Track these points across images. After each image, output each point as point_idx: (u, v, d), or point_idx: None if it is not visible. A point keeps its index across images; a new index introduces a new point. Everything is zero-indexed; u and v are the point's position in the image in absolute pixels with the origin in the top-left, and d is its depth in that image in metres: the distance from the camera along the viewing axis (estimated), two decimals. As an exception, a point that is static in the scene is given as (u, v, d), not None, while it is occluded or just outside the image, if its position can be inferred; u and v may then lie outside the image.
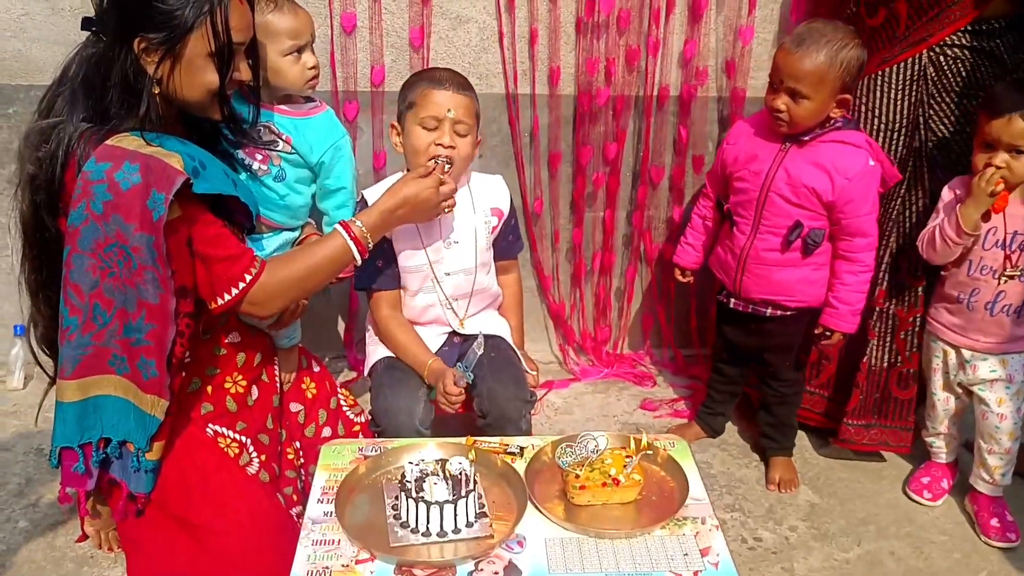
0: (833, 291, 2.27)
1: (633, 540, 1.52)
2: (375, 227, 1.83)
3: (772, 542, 2.24)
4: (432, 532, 1.50)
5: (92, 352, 1.58)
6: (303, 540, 1.51)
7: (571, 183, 2.87)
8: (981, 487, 2.31)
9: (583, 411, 2.87)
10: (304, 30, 1.95)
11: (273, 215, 2.00)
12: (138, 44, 1.54)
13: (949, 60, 2.16)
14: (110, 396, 1.61)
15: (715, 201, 2.47)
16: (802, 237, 2.21)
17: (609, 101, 2.73)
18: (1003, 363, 2.21)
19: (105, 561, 2.05)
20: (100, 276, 1.53)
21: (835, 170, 2.14)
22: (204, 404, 1.80)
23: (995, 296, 2.14)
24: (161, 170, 1.51)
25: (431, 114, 1.99)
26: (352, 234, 1.79)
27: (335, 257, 1.79)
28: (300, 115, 2.01)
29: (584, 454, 1.63)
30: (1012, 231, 2.10)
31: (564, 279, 3.04)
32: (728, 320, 2.49)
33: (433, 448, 1.73)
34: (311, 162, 2.02)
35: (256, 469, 1.83)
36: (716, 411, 2.66)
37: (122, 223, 1.50)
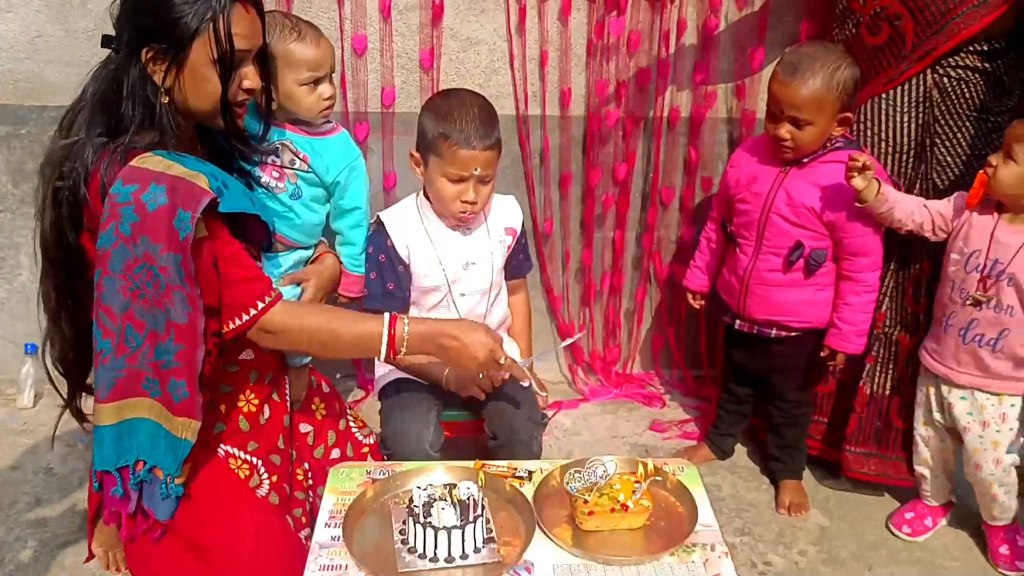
0: (837, 312, 2.26)
1: (641, 566, 1.51)
2: (418, 338, 1.73)
3: (782, 567, 2.23)
4: (440, 557, 1.49)
5: (126, 375, 1.57)
6: (310, 565, 1.50)
7: (581, 204, 2.87)
8: (990, 522, 2.26)
9: (592, 432, 2.86)
10: (324, 62, 1.96)
11: (288, 232, 2.00)
12: (146, 54, 1.56)
13: (953, 82, 2.16)
14: (144, 419, 1.60)
15: (720, 223, 2.48)
16: (804, 257, 2.22)
17: (619, 122, 2.74)
18: (981, 407, 2.10)
19: (112, 581, 2.05)
20: (131, 297, 1.53)
21: (835, 190, 2.15)
22: (217, 423, 1.80)
23: (968, 323, 2.06)
24: (187, 189, 1.52)
25: (457, 172, 1.99)
26: (393, 331, 1.71)
27: (362, 341, 1.72)
28: (317, 135, 2.02)
29: (593, 479, 1.62)
30: (993, 259, 2.00)
31: (574, 299, 3.04)
32: (735, 342, 2.49)
33: (441, 472, 1.72)
34: (327, 182, 2.03)
35: (266, 491, 1.82)
36: (725, 432, 2.65)
37: (150, 244, 1.50)
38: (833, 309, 2.27)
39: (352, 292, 2.18)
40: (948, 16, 2.09)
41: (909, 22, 2.15)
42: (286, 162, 1.97)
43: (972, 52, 2.14)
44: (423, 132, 2.03)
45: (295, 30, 1.92)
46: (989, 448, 2.11)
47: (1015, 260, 1.97)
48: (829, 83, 2.06)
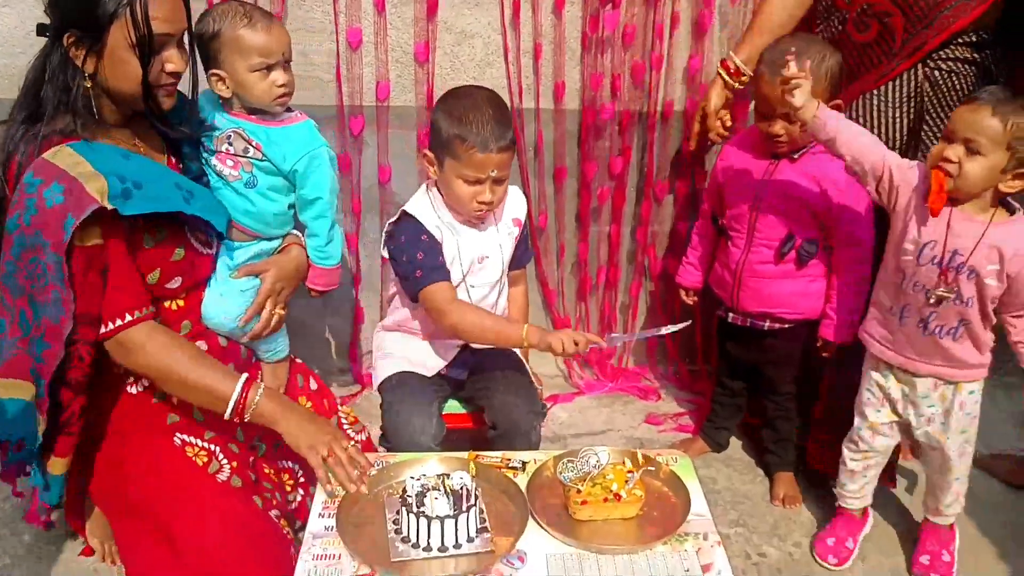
0: (829, 302, 2.27)
1: (634, 556, 1.52)
2: (264, 412, 1.76)
3: (776, 558, 2.23)
4: (433, 547, 1.50)
5: (16, 356, 1.63)
6: (304, 555, 1.51)
7: (576, 198, 2.88)
8: (928, 514, 2.21)
9: (588, 425, 2.86)
10: (276, 48, 1.94)
11: (246, 222, 1.98)
12: (67, 39, 1.58)
13: (944, 74, 2.16)
14: (27, 402, 1.65)
15: (711, 217, 2.49)
16: (795, 249, 2.23)
17: (614, 116, 2.74)
18: (942, 396, 2.02)
19: (107, 574, 2.05)
20: (25, 285, 1.59)
21: (825, 181, 2.16)
22: (171, 415, 1.81)
23: (928, 315, 1.96)
24: (79, 194, 1.55)
25: (474, 174, 1.98)
26: (244, 395, 1.74)
27: (211, 392, 1.73)
28: (273, 124, 1.99)
29: (586, 469, 1.63)
30: (952, 250, 1.88)
31: (569, 294, 3.04)
32: (728, 335, 2.50)
33: (435, 463, 1.73)
34: (284, 170, 2.00)
35: (227, 476, 1.82)
36: (720, 425, 2.66)
37: (41, 238, 1.55)
38: (825, 300, 2.28)
39: (319, 285, 2.13)
40: (937, 10, 2.09)
41: (899, 18, 2.15)
42: (239, 150, 1.95)
43: (962, 44, 2.14)
44: (437, 132, 2.01)
45: (245, 16, 1.90)
46: (952, 436, 2.04)
47: (975, 252, 1.86)
48: (816, 76, 2.06)
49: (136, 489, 1.76)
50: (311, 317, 2.90)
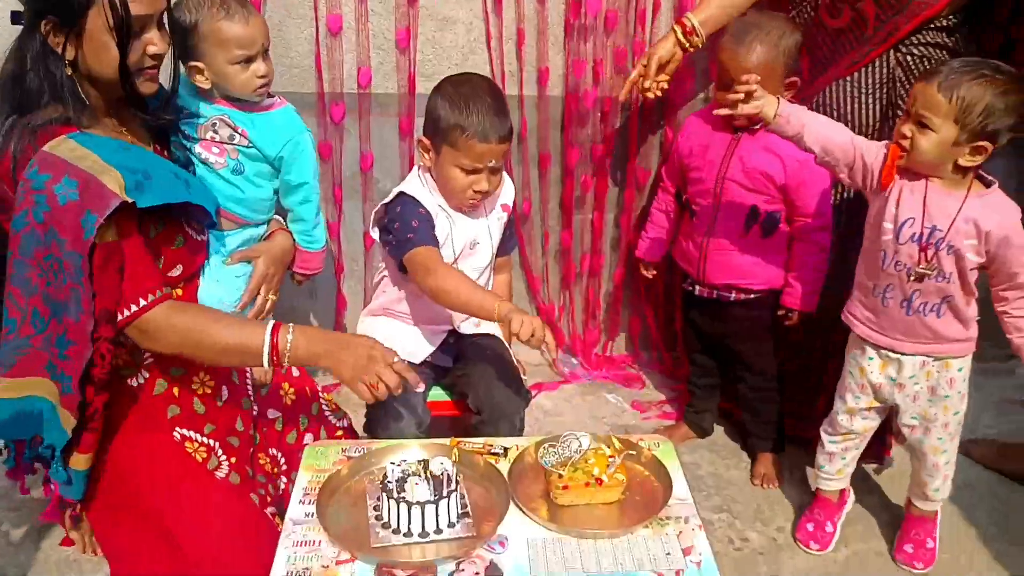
0: (791, 271, 2.31)
1: (616, 540, 1.51)
2: (302, 350, 1.69)
3: (759, 543, 2.24)
4: (414, 532, 1.49)
5: (29, 354, 1.58)
6: (283, 541, 1.50)
7: (560, 185, 2.87)
8: (917, 503, 2.20)
9: (572, 413, 2.86)
10: (255, 39, 1.93)
11: (235, 208, 1.98)
12: (45, 26, 1.55)
13: (916, 59, 2.18)
14: (43, 398, 1.60)
15: (674, 193, 2.52)
16: (759, 221, 2.26)
17: (596, 103, 2.73)
18: (927, 374, 2.02)
19: (88, 565, 2.04)
20: (39, 284, 1.54)
21: (786, 154, 2.19)
22: (171, 407, 1.79)
23: (910, 294, 1.95)
24: (97, 190, 1.52)
25: (472, 164, 1.98)
26: (275, 341, 1.68)
27: (244, 348, 1.68)
28: (257, 110, 1.99)
29: (567, 454, 1.62)
30: (930, 226, 1.88)
31: (553, 281, 3.03)
32: (694, 307, 2.53)
33: (416, 449, 1.71)
34: (269, 156, 2.00)
35: (225, 472, 1.81)
36: (701, 408, 2.68)
37: (57, 236, 1.51)
38: (788, 269, 2.31)
39: (308, 269, 2.16)
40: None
41: (870, 5, 2.17)
42: (225, 137, 1.94)
43: (933, 29, 2.16)
44: (436, 121, 2.00)
45: (223, 7, 1.89)
46: (939, 413, 2.05)
47: (952, 228, 1.86)
48: (776, 49, 2.11)
49: (133, 484, 1.75)
50: (294, 305, 2.88)
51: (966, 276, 1.91)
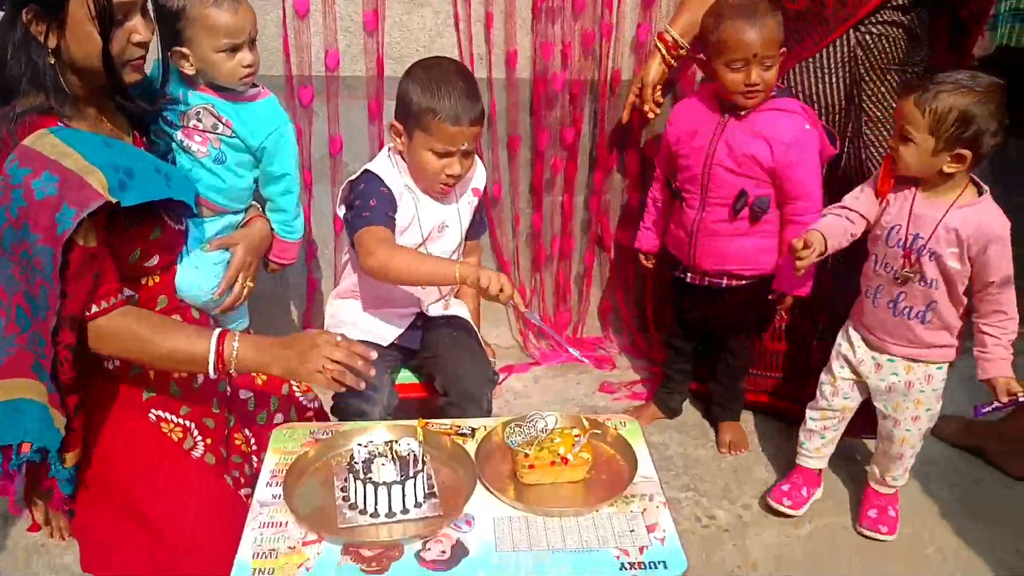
0: (782, 255, 2.31)
1: (581, 518, 1.53)
2: (249, 359, 1.69)
3: (726, 520, 2.27)
4: (380, 513, 1.50)
5: (16, 354, 1.56)
6: (250, 523, 1.50)
7: (530, 168, 2.87)
8: (872, 483, 2.28)
9: (542, 395, 2.88)
10: (243, 28, 1.92)
11: (215, 197, 1.97)
12: (26, 15, 1.52)
13: (875, 38, 2.22)
14: (32, 401, 1.58)
15: (665, 181, 2.51)
16: (748, 205, 2.26)
17: (565, 85, 2.74)
18: (908, 368, 2.10)
19: (56, 549, 2.03)
20: (21, 280, 1.52)
21: (772, 137, 2.20)
22: (147, 390, 1.79)
23: (896, 296, 2.05)
24: (79, 187, 1.49)
25: (444, 147, 1.98)
26: (220, 349, 1.67)
27: (189, 356, 1.67)
28: (241, 100, 1.99)
29: (533, 433, 1.64)
30: (914, 233, 1.98)
31: (524, 264, 3.04)
32: (685, 295, 2.53)
33: (383, 430, 1.72)
34: (252, 147, 2.00)
35: (201, 452, 1.81)
36: (673, 391, 2.71)
37: (29, 232, 1.48)
38: (779, 253, 2.32)
39: (284, 259, 2.16)
40: None
41: None
42: (208, 126, 1.94)
43: (891, 8, 2.20)
44: (407, 105, 1.99)
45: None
46: (911, 406, 2.12)
47: (934, 235, 1.95)
48: (778, 21, 2.14)
49: (107, 465, 1.74)
50: (266, 289, 2.87)
51: (953, 283, 1.98)
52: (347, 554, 1.43)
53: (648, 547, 1.47)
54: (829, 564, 2.13)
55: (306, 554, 1.43)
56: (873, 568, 2.13)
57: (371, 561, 1.41)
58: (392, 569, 1.40)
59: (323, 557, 1.42)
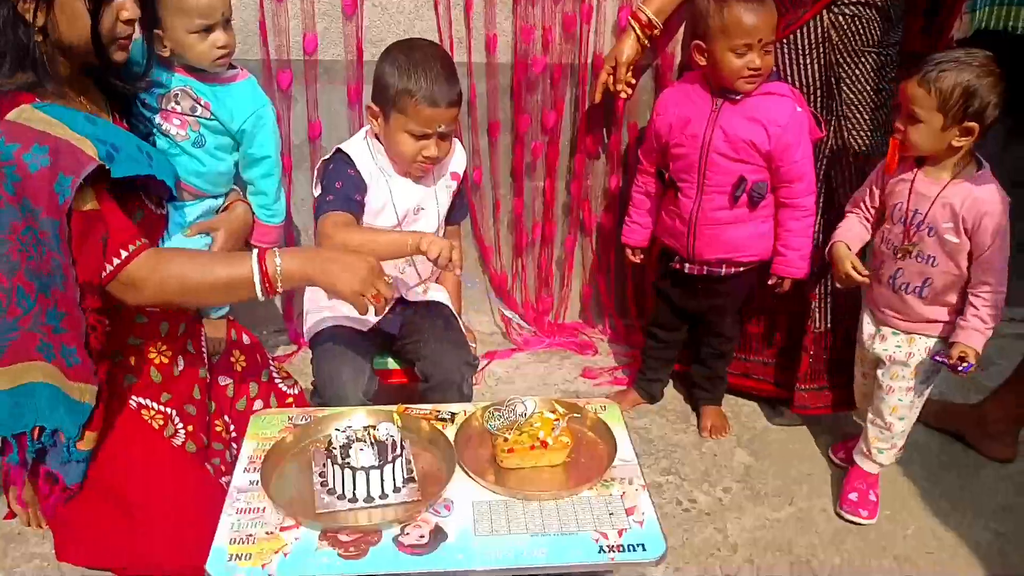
0: (780, 240, 2.32)
1: (560, 501, 1.53)
2: (293, 271, 1.65)
3: (706, 504, 2.28)
4: (359, 498, 1.49)
5: (19, 338, 1.54)
6: (227, 509, 1.49)
7: (510, 152, 2.86)
8: (857, 458, 2.31)
9: (524, 380, 2.88)
10: (214, 8, 1.90)
11: (194, 181, 1.96)
12: None
13: (848, 19, 2.23)
14: (41, 383, 1.57)
15: (655, 173, 2.49)
16: (747, 191, 2.26)
17: (546, 69, 2.72)
18: (909, 341, 2.15)
19: (34, 538, 2.02)
20: (20, 259, 1.50)
21: (767, 120, 2.19)
22: (127, 376, 1.77)
23: (895, 272, 2.12)
24: (71, 153, 1.48)
25: (421, 129, 1.97)
26: (264, 268, 1.63)
27: (235, 282, 1.64)
28: (219, 81, 1.97)
29: (512, 418, 1.63)
30: (914, 209, 2.05)
31: (506, 250, 3.03)
32: (681, 285, 2.51)
33: (362, 416, 1.72)
34: (232, 129, 1.99)
35: (182, 440, 1.81)
36: (653, 378, 2.70)
37: (31, 206, 1.47)
38: (776, 238, 2.33)
39: (265, 242, 2.15)
40: None
41: None
42: (187, 109, 1.92)
43: None
44: (384, 87, 1.99)
45: None
46: (908, 375, 2.16)
47: (931, 210, 2.01)
48: (772, 3, 2.14)
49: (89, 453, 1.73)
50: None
51: (953, 258, 2.03)
52: (325, 539, 1.42)
53: (627, 530, 1.47)
54: (808, 547, 2.14)
55: (283, 539, 1.42)
56: (852, 550, 2.14)
57: (349, 546, 1.41)
58: (370, 554, 1.40)
59: (300, 543, 1.42)
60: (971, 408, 2.54)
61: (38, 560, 1.96)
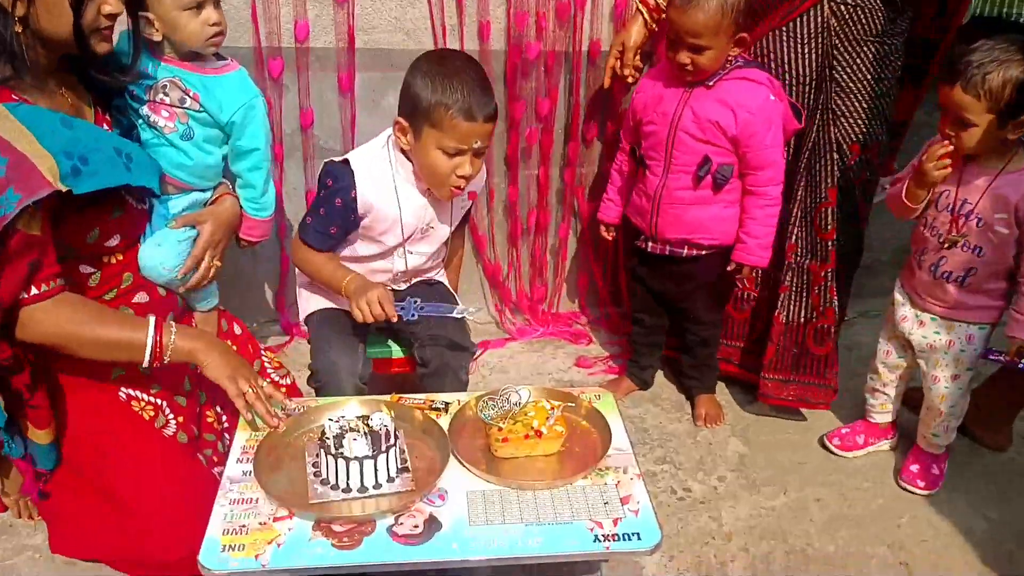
0: (743, 226, 2.31)
1: (555, 491, 1.53)
2: (181, 348, 1.68)
3: (701, 492, 2.28)
4: (352, 488, 1.48)
5: None
6: (220, 499, 1.49)
7: (505, 140, 2.84)
8: (918, 439, 2.37)
9: (518, 370, 2.87)
10: None
11: (181, 175, 1.93)
12: None
13: (850, 8, 2.20)
14: None
15: (629, 151, 2.50)
16: (711, 173, 2.25)
17: (540, 56, 2.70)
18: (948, 328, 2.18)
19: (25, 530, 2.00)
20: None
21: (737, 105, 2.18)
22: (115, 368, 1.76)
23: (938, 260, 2.13)
24: (28, 173, 1.46)
25: (456, 145, 1.87)
26: (158, 338, 1.66)
27: (125, 344, 1.65)
28: (209, 72, 1.94)
29: (506, 407, 1.63)
30: (962, 199, 2.06)
31: (500, 239, 3.02)
32: (645, 264, 2.52)
33: (355, 405, 1.71)
34: (221, 121, 1.95)
35: (173, 431, 1.80)
36: (642, 364, 2.70)
37: None
38: (739, 224, 2.32)
39: (253, 236, 2.12)
40: None
41: None
42: (175, 100, 1.89)
43: None
44: (415, 99, 1.88)
45: None
46: (951, 363, 2.20)
47: (981, 201, 2.02)
48: (723, 8, 2.08)
49: (77, 444, 1.73)
50: (239, 267, 2.84)
51: (1000, 249, 2.05)
52: (318, 530, 1.41)
53: (622, 519, 1.47)
54: (802, 535, 2.14)
55: (277, 530, 1.42)
56: (846, 538, 2.14)
57: (343, 536, 1.40)
58: (364, 544, 1.39)
59: (294, 533, 1.41)
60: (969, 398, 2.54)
61: (30, 552, 1.95)
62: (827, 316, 2.41)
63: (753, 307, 2.59)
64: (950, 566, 2.07)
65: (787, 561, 2.06)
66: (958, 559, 2.09)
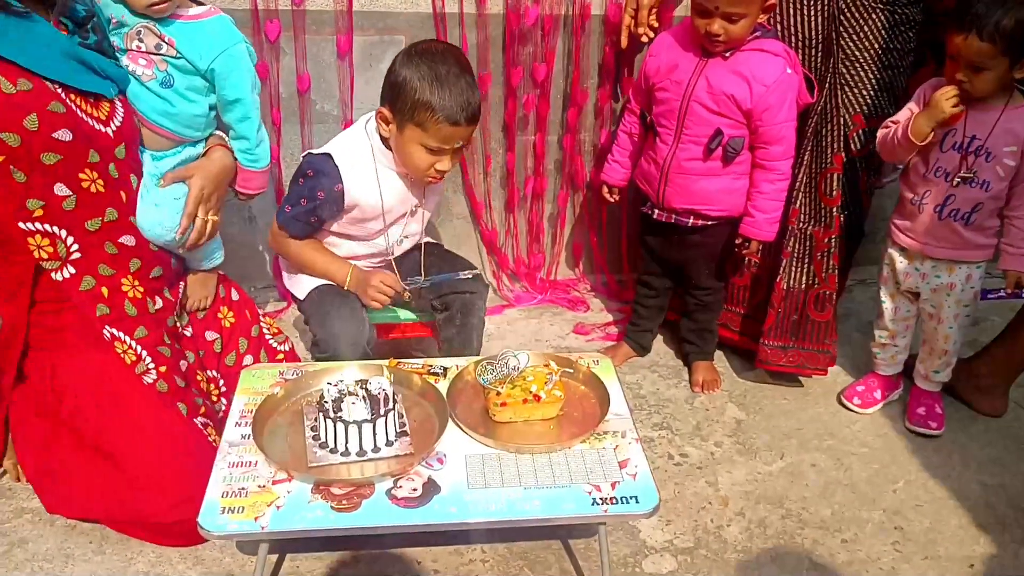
0: (751, 200, 2.30)
1: (553, 455, 1.54)
2: None
3: (698, 457, 2.29)
4: (351, 451, 1.49)
5: None
6: (219, 463, 1.49)
7: (502, 106, 2.82)
8: (917, 380, 2.47)
9: (516, 337, 2.87)
10: None
11: (165, 123, 1.89)
12: None
13: None
14: None
15: (639, 114, 2.47)
16: (722, 145, 2.23)
17: (538, 21, 2.67)
18: (950, 270, 2.26)
19: (23, 493, 2.00)
20: None
21: (753, 78, 2.16)
22: (100, 305, 1.75)
23: (944, 199, 2.17)
24: None
25: (438, 145, 1.92)
26: None
27: None
28: (185, 18, 1.89)
29: (505, 371, 1.63)
30: (971, 135, 2.11)
31: (497, 205, 3.01)
32: (652, 231, 2.52)
33: (353, 370, 1.71)
34: (200, 68, 1.90)
35: (153, 379, 1.79)
36: (643, 327, 2.70)
37: None
38: (747, 198, 2.31)
39: (250, 188, 2.08)
40: None
41: None
42: (151, 47, 1.85)
43: None
44: (400, 92, 1.90)
45: None
46: (953, 305, 2.30)
47: (992, 135, 2.09)
48: None
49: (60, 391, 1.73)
50: (236, 232, 2.83)
51: (1002, 183, 2.13)
52: (317, 492, 1.42)
53: (620, 483, 1.48)
54: (799, 500, 2.16)
55: (276, 493, 1.42)
56: (842, 503, 2.16)
57: (342, 499, 1.41)
58: (363, 507, 1.40)
59: (293, 496, 1.42)
60: (963, 363, 2.55)
61: (29, 515, 1.95)
62: (828, 283, 2.41)
63: (754, 273, 2.58)
64: (944, 530, 2.09)
65: (783, 525, 2.08)
66: (952, 524, 2.11)
